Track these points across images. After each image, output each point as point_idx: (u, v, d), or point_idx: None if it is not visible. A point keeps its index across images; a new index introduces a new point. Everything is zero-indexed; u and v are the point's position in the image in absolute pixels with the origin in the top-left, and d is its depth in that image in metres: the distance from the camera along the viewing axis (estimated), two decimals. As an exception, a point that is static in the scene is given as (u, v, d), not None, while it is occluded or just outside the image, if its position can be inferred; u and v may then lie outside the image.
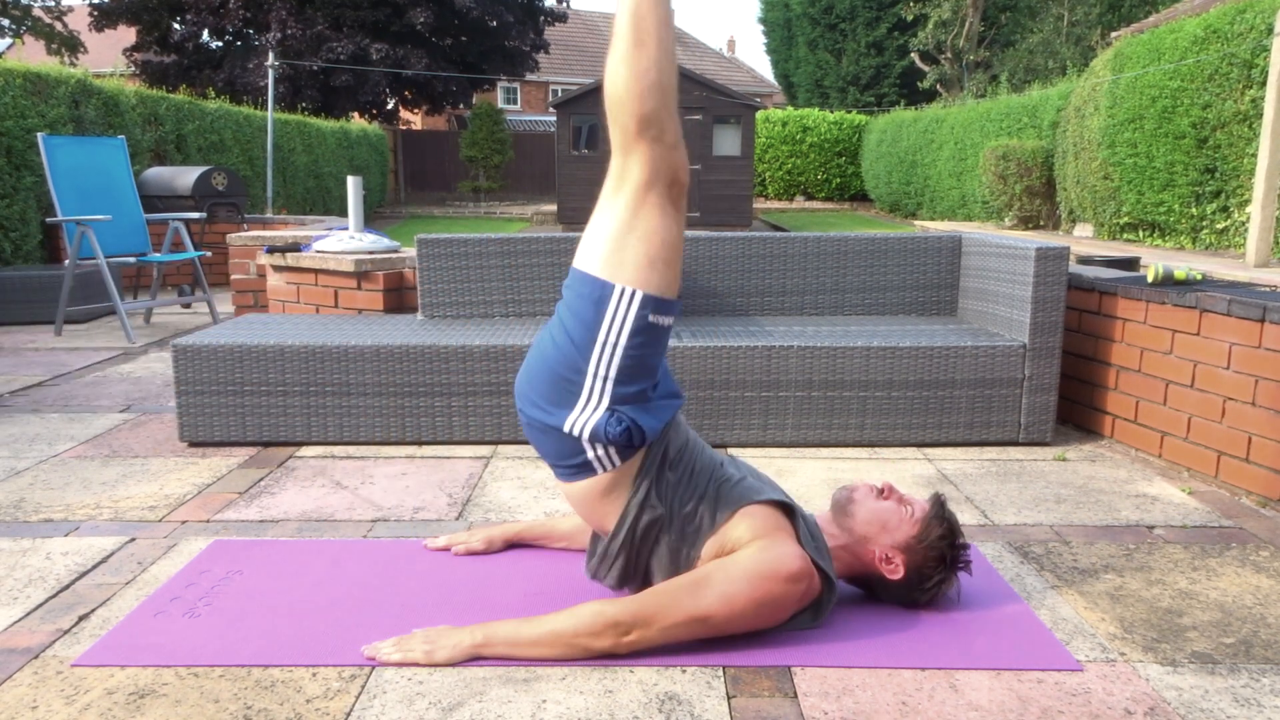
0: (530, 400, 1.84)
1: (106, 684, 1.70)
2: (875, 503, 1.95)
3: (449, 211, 19.22)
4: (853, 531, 1.93)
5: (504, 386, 3.19)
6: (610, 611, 1.75)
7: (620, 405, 1.78)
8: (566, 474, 1.85)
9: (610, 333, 1.76)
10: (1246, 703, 1.67)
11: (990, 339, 3.25)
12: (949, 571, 1.93)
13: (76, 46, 20.49)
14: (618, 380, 1.78)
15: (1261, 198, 5.95)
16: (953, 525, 1.93)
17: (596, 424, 1.77)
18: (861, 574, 1.97)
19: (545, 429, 1.82)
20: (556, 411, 1.80)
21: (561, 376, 1.79)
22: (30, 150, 6.69)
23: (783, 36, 27.54)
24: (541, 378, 1.82)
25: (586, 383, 1.78)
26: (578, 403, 1.79)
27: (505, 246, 3.66)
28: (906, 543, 1.91)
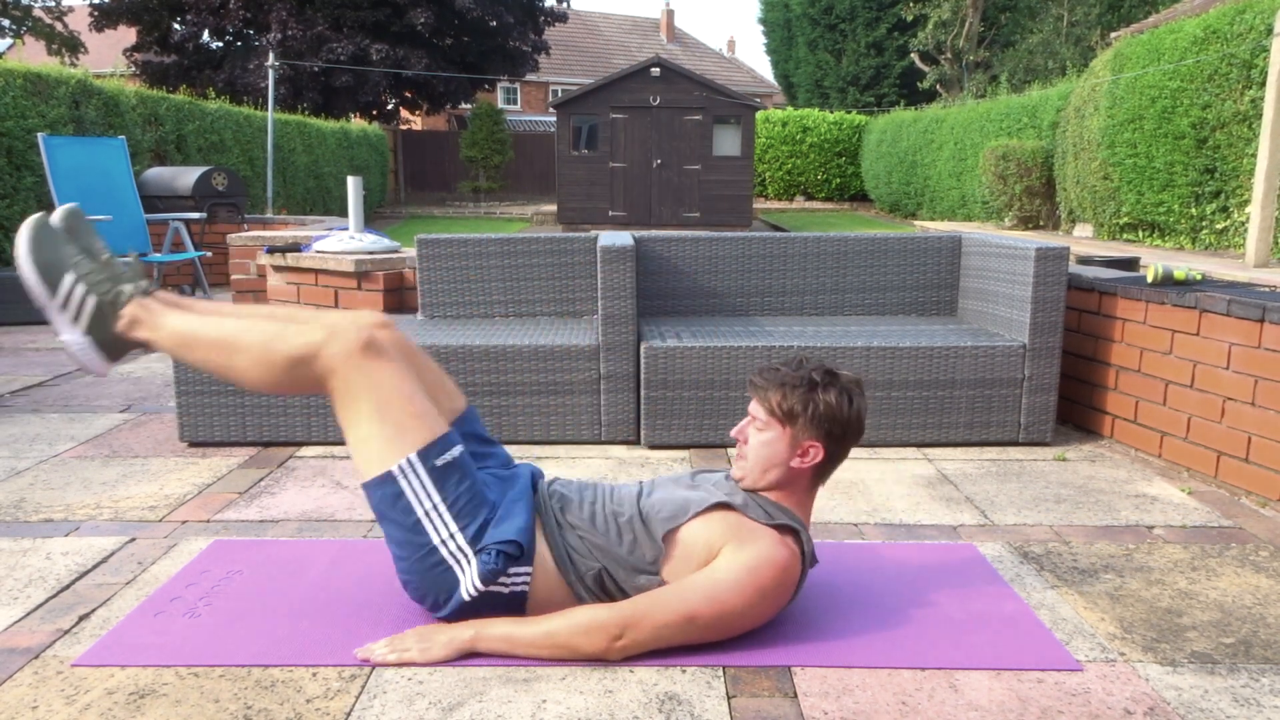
0: (426, 603, 1.86)
1: (106, 684, 1.70)
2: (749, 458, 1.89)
3: (449, 212, 19.22)
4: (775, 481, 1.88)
5: (504, 386, 3.19)
6: (602, 615, 1.76)
7: (479, 542, 1.80)
8: (512, 610, 1.85)
9: (424, 504, 1.78)
10: (1246, 702, 1.67)
11: (990, 339, 3.25)
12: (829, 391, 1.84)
13: (77, 47, 20.51)
14: (464, 530, 1.79)
15: (1261, 198, 5.95)
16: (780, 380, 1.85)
17: (481, 574, 1.78)
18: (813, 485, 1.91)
19: (460, 609, 1.82)
20: (451, 595, 1.81)
21: (427, 571, 1.80)
22: (31, 150, 6.69)
23: (783, 37, 27.55)
24: (417, 585, 1.83)
25: (445, 556, 1.79)
26: (456, 575, 1.80)
27: (505, 246, 3.66)
28: (791, 438, 1.85)
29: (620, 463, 3.06)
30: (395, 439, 1.77)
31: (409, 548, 1.81)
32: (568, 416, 3.22)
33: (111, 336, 1.91)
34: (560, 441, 3.26)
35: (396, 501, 1.78)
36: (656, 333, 3.33)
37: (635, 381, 3.21)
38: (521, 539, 1.80)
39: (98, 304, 1.89)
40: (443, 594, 1.82)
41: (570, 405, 3.21)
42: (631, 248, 3.16)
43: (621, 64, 31.24)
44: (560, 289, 3.70)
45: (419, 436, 1.79)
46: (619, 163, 15.93)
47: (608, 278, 3.16)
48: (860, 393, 1.90)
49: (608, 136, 15.88)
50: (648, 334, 3.30)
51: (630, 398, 3.21)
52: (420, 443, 1.78)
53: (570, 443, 3.27)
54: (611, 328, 3.18)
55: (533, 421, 3.22)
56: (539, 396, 3.20)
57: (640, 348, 3.18)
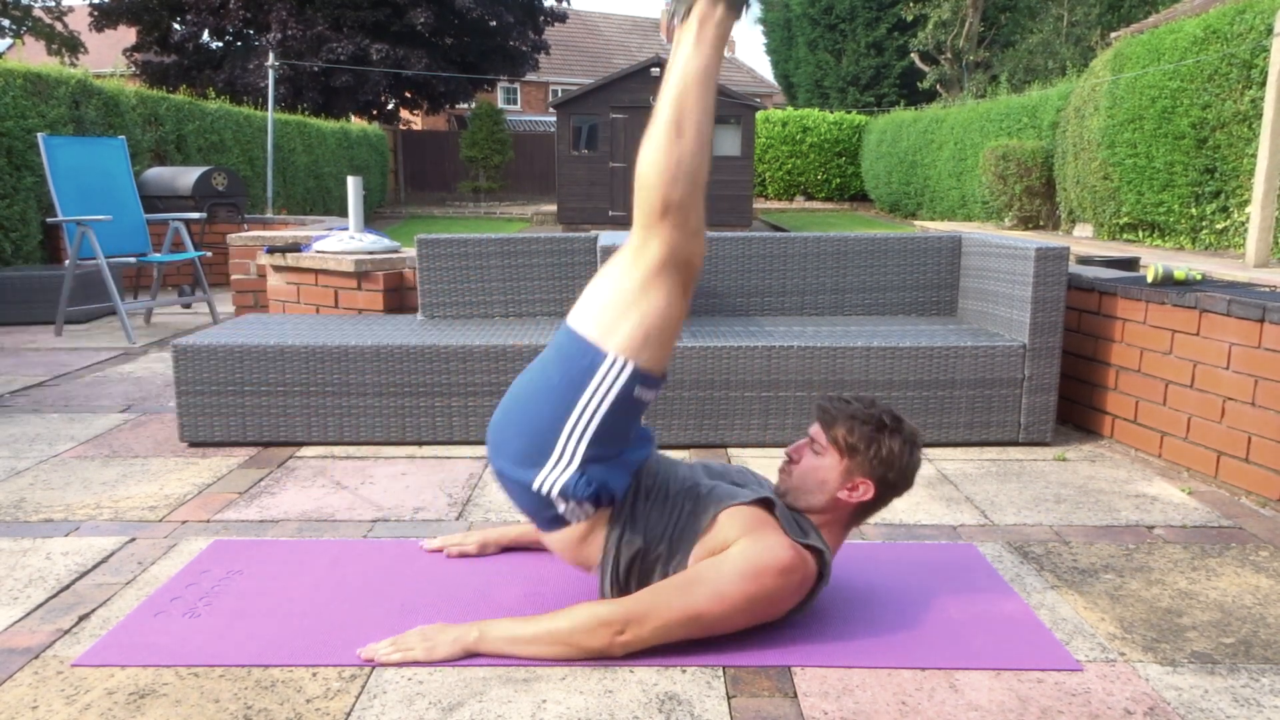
0: (502, 452, 1.85)
1: (107, 684, 1.70)
2: (796, 477, 1.89)
3: (449, 211, 19.22)
4: (817, 507, 1.89)
5: (504, 386, 3.19)
6: (604, 611, 1.76)
7: (591, 465, 1.80)
8: (542, 524, 1.87)
9: (593, 398, 1.78)
10: (1246, 702, 1.67)
11: (990, 339, 3.25)
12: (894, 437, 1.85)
13: (77, 47, 20.50)
14: (591, 443, 1.79)
15: (1261, 198, 5.95)
16: (850, 413, 1.86)
17: (566, 483, 1.78)
18: (856, 520, 1.92)
19: (515, 483, 1.83)
20: (527, 468, 1.81)
21: (535, 431, 1.80)
22: (30, 150, 6.69)
23: (783, 37, 27.55)
24: (515, 429, 1.82)
25: (560, 441, 1.79)
26: (548, 461, 1.80)
27: (505, 246, 3.66)
28: (845, 469, 1.86)
29: (620, 463, 3.06)
30: (639, 341, 1.76)
31: (543, 404, 1.80)
32: (568, 416, 3.21)
33: None
34: (560, 441, 3.25)
35: (585, 373, 1.77)
36: (656, 333, 3.33)
37: (635, 381, 3.21)
38: (618, 495, 1.82)
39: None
40: (526, 458, 1.81)
41: (570, 405, 3.21)
42: (631, 248, 3.16)
43: (621, 64, 31.23)
44: (560, 289, 3.70)
45: (651, 360, 1.78)
46: (619, 163, 15.92)
47: (608, 278, 3.16)
48: (919, 446, 1.91)
49: (608, 136, 15.88)
50: (648, 334, 3.30)
51: (630, 398, 3.21)
52: (646, 363, 1.77)
53: (570, 443, 3.26)
54: (611, 328, 3.17)
55: (533, 421, 3.21)
56: (539, 396, 3.19)
57: (640, 348, 3.17)
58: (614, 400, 1.77)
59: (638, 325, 1.76)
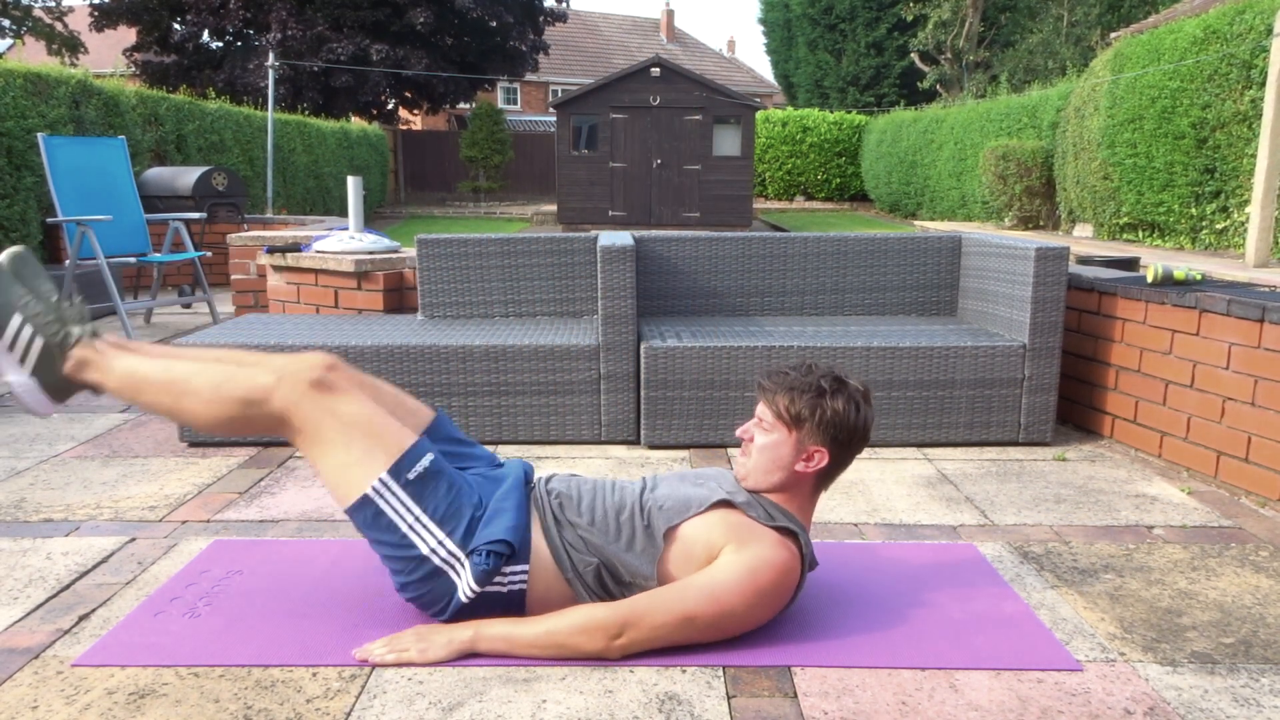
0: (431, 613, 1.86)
1: (106, 684, 1.70)
2: (753, 459, 1.89)
3: (449, 212, 19.22)
4: (777, 483, 1.88)
5: (504, 386, 3.19)
6: (601, 615, 1.76)
7: (469, 544, 1.80)
8: (512, 608, 1.86)
9: (406, 519, 1.79)
10: (1246, 702, 1.67)
11: (990, 339, 3.25)
12: (837, 397, 1.85)
13: (77, 47, 20.50)
14: (451, 535, 1.80)
15: (1261, 198, 5.95)
16: (788, 384, 1.86)
17: (475, 576, 1.78)
18: (816, 490, 1.92)
19: (460, 611, 1.83)
20: (450, 599, 1.82)
21: (423, 580, 1.81)
22: (31, 150, 6.69)
23: (783, 37, 27.54)
24: (416, 595, 1.84)
25: (438, 564, 1.80)
26: (452, 580, 1.81)
27: (505, 246, 3.66)
28: (795, 442, 1.85)
29: (620, 463, 3.06)
30: (364, 462, 1.78)
31: (401, 561, 1.81)
32: (567, 416, 3.22)
33: (59, 378, 1.91)
34: (560, 441, 3.26)
35: (378, 520, 1.79)
36: (656, 333, 3.33)
37: (635, 381, 3.21)
38: (511, 537, 1.80)
39: (45, 345, 1.89)
40: (442, 600, 1.83)
41: (570, 405, 3.21)
42: (631, 248, 3.16)
43: (621, 64, 31.24)
44: (560, 289, 3.70)
45: (386, 455, 1.79)
46: (619, 163, 15.92)
47: (608, 278, 3.16)
48: (867, 401, 1.90)
49: (608, 136, 15.88)
50: (648, 334, 3.31)
51: (630, 398, 3.21)
52: (389, 460, 1.79)
53: (570, 443, 3.27)
54: (611, 328, 3.18)
55: (533, 421, 3.22)
56: (539, 396, 3.20)
57: (640, 348, 3.18)
58: (413, 499, 1.79)
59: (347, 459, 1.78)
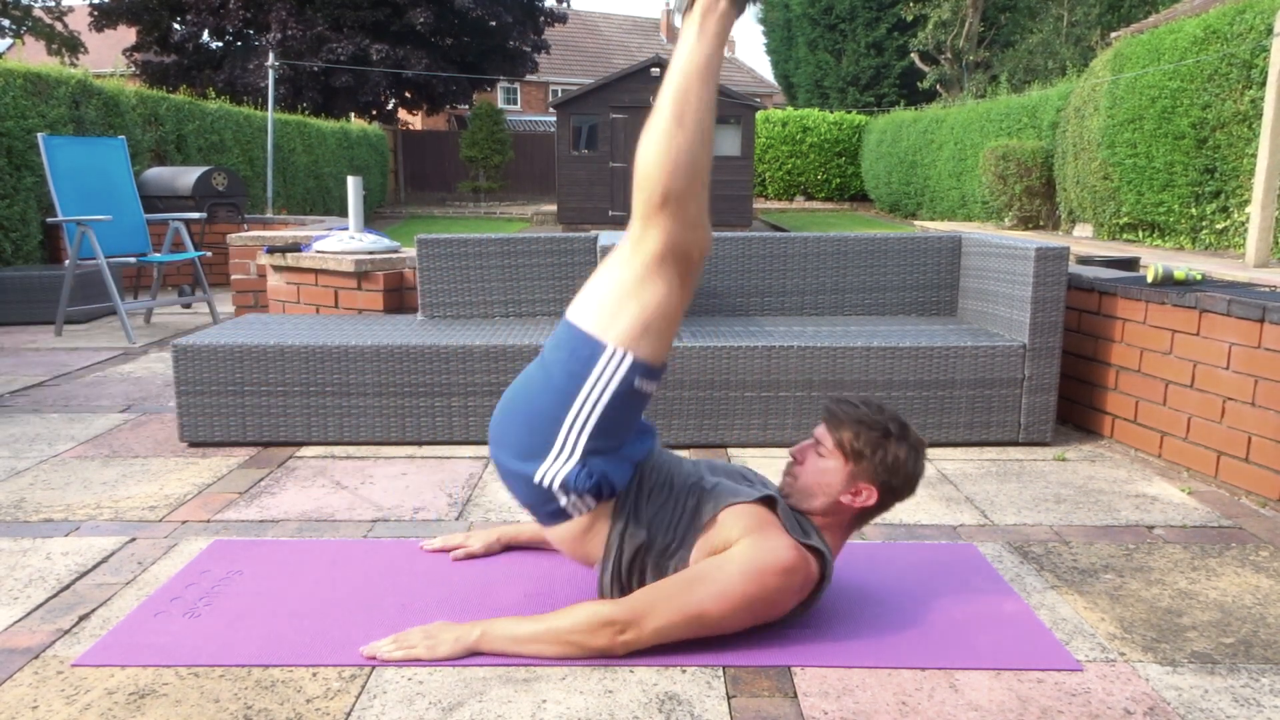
0: (502, 446, 1.85)
1: (107, 684, 1.70)
2: (800, 479, 1.89)
3: (449, 212, 19.22)
4: (820, 509, 1.89)
5: (504, 386, 3.19)
6: (606, 611, 1.76)
7: (592, 457, 1.80)
8: (544, 518, 1.87)
9: (594, 390, 1.78)
10: (1246, 702, 1.67)
11: (990, 339, 3.25)
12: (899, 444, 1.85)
13: (77, 47, 20.50)
14: (593, 435, 1.80)
15: (1261, 198, 5.95)
16: (857, 417, 1.86)
17: (567, 476, 1.79)
18: (856, 523, 1.92)
19: (517, 476, 1.83)
20: (527, 461, 1.81)
21: (536, 424, 1.80)
22: (31, 150, 6.69)
23: (783, 37, 27.54)
24: (516, 422, 1.83)
25: (561, 434, 1.79)
26: (549, 453, 1.80)
27: (505, 246, 3.66)
28: (849, 473, 1.85)
29: (620, 463, 3.06)
30: (639, 332, 1.76)
31: (544, 397, 1.80)
32: (568, 416, 3.22)
33: None
34: (560, 441, 3.25)
35: (582, 364, 1.78)
36: (656, 333, 3.33)
37: (635, 381, 3.21)
38: (619, 487, 1.83)
39: None
40: (527, 451, 1.81)
41: (570, 405, 3.21)
42: (631, 248, 3.16)
43: (621, 64, 31.24)
44: (560, 289, 3.69)
45: (651, 351, 1.78)
46: (619, 163, 15.92)
47: (608, 278, 3.16)
48: (924, 454, 1.91)
49: (608, 136, 15.88)
50: (648, 334, 3.30)
51: (630, 398, 3.21)
52: (646, 355, 1.78)
53: (570, 443, 3.26)
54: (611, 328, 3.17)
55: (533, 421, 3.22)
56: (539, 396, 3.20)
57: (640, 348, 3.17)
58: (614, 392, 1.77)
59: (637, 317, 1.76)
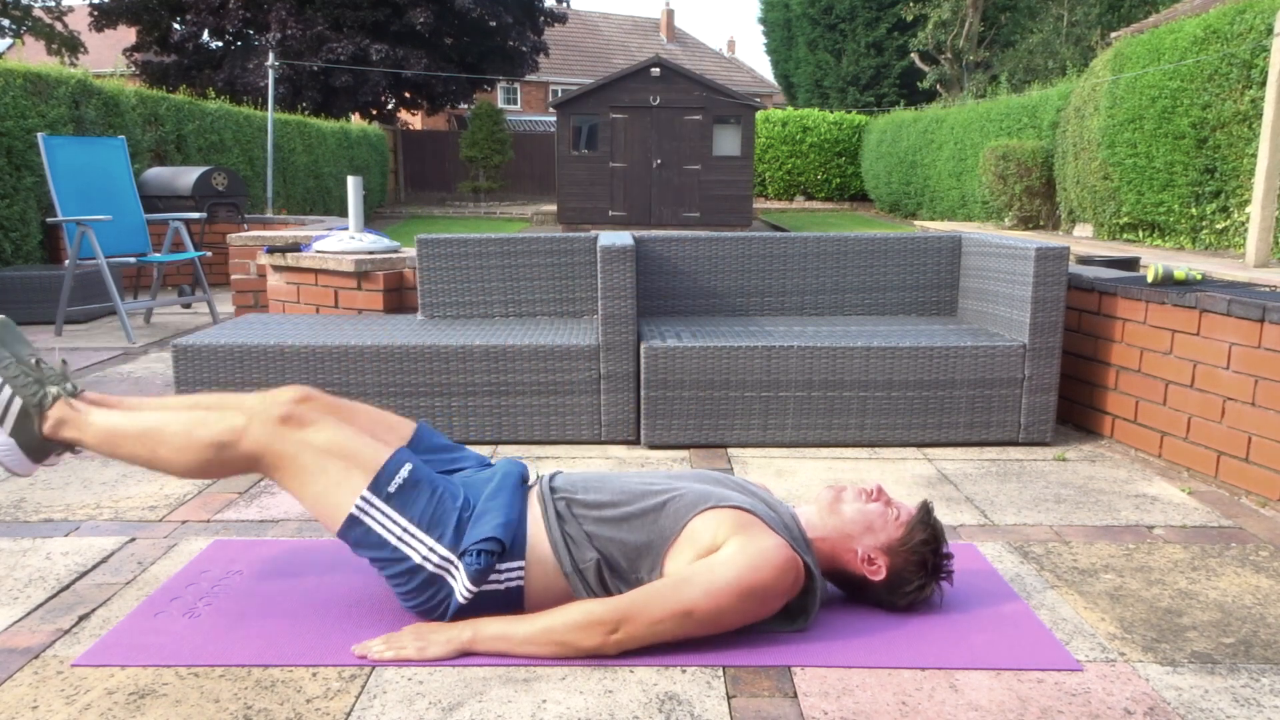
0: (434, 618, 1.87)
1: (106, 684, 1.70)
2: (863, 504, 1.95)
3: (449, 211, 19.22)
4: (838, 529, 1.93)
5: (504, 386, 3.19)
6: (597, 610, 1.76)
7: (461, 547, 1.81)
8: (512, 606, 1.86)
9: (394, 531, 1.81)
10: (1246, 702, 1.67)
11: (990, 339, 3.25)
12: (930, 578, 1.93)
13: (77, 47, 20.50)
14: (440, 539, 1.81)
15: (1261, 198, 5.95)
16: (937, 532, 1.92)
17: (470, 576, 1.79)
18: (842, 572, 1.96)
19: (460, 612, 1.84)
20: (448, 602, 1.83)
21: (421, 588, 1.82)
22: (30, 150, 6.69)
23: (783, 37, 27.55)
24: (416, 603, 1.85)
25: (433, 570, 1.81)
26: (449, 583, 1.82)
27: (505, 246, 3.66)
28: (889, 544, 1.91)
29: (620, 463, 3.06)
30: (343, 484, 1.81)
31: (398, 575, 1.83)
32: (568, 416, 3.22)
33: (37, 439, 1.93)
34: (560, 441, 3.26)
35: (368, 537, 1.81)
36: (656, 333, 3.33)
37: (635, 381, 3.21)
38: (501, 534, 1.81)
39: (23, 406, 1.91)
40: (441, 605, 1.84)
41: (570, 405, 3.21)
42: (631, 248, 3.16)
43: (621, 64, 31.24)
44: (560, 289, 3.70)
45: (364, 472, 1.82)
46: (619, 163, 15.92)
47: (608, 278, 3.16)
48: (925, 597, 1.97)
49: (608, 136, 15.88)
50: (648, 334, 3.31)
51: (630, 398, 3.21)
52: (368, 477, 1.81)
53: (570, 443, 3.27)
54: (611, 328, 3.18)
55: (533, 421, 3.22)
56: (539, 396, 3.20)
57: (640, 348, 3.18)
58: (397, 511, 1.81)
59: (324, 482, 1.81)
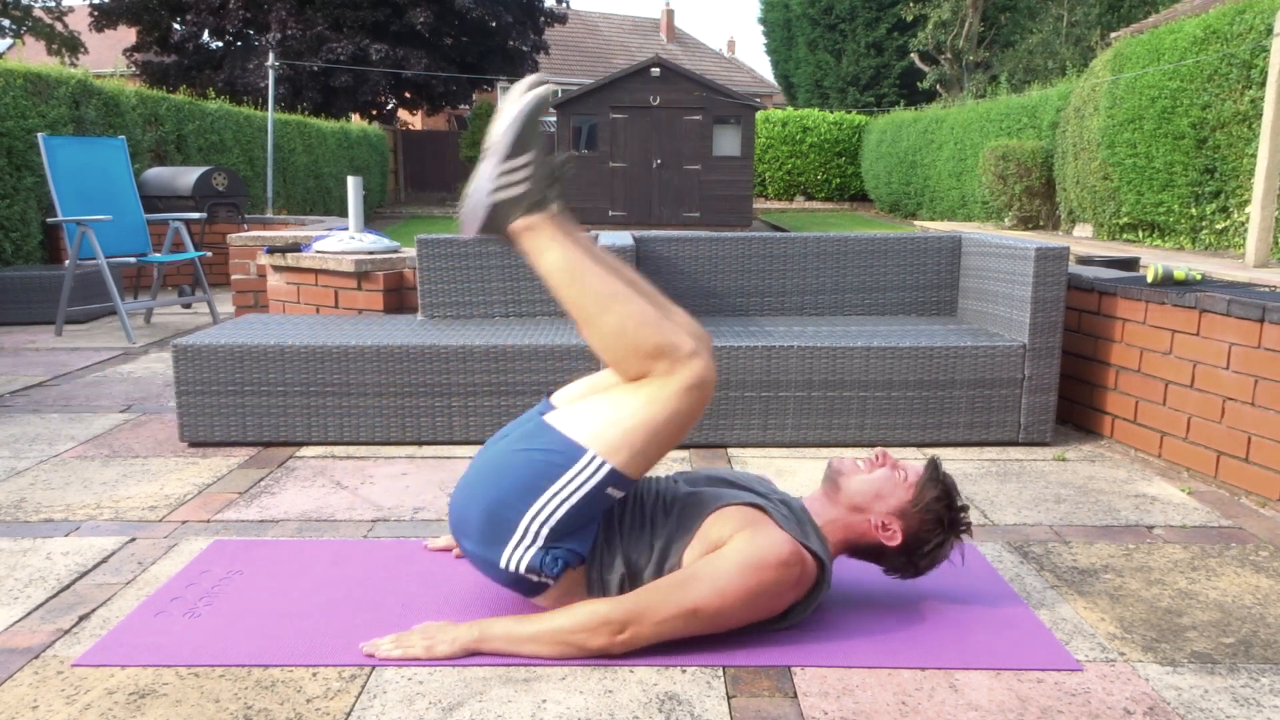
0: (465, 532, 1.84)
1: (107, 684, 1.70)
2: (868, 473, 1.93)
3: (449, 212, 19.21)
4: (847, 504, 1.91)
5: (504, 386, 3.19)
6: (604, 610, 1.76)
7: (555, 542, 1.80)
8: (521, 593, 1.86)
9: (563, 490, 1.77)
10: (1246, 702, 1.67)
11: (990, 339, 3.25)
12: (948, 533, 1.90)
13: (77, 47, 20.49)
14: (555, 529, 1.79)
15: (1261, 198, 5.95)
16: (948, 487, 1.90)
17: (532, 561, 1.78)
18: (859, 545, 1.94)
19: (483, 561, 1.83)
20: (491, 547, 1.81)
21: (498, 512, 1.79)
22: (31, 150, 6.69)
23: (783, 37, 27.54)
24: (477, 508, 1.81)
25: (523, 524, 1.78)
26: (511, 539, 1.79)
27: (505, 246, 3.66)
28: (902, 508, 1.89)
29: (620, 463, 3.06)
30: (624, 446, 1.76)
31: (509, 486, 1.78)
32: (568, 416, 3.22)
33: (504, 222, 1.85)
34: (560, 441, 3.25)
35: (557, 464, 1.77)
36: (656, 333, 3.32)
37: (635, 381, 3.21)
38: (585, 554, 1.81)
39: (523, 194, 1.83)
40: (489, 538, 1.80)
41: (570, 405, 3.21)
42: (631, 248, 3.16)
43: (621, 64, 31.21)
44: (560, 289, 3.69)
45: (631, 465, 1.78)
46: (619, 163, 15.92)
47: (608, 278, 3.16)
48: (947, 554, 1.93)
49: (608, 136, 15.87)
50: (648, 334, 3.30)
51: (630, 398, 3.21)
52: (624, 467, 1.77)
53: (570, 443, 3.26)
54: (611, 328, 3.17)
55: (533, 421, 3.22)
56: (539, 397, 3.20)
57: (640, 348, 3.17)
58: (585, 495, 1.78)
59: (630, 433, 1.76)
